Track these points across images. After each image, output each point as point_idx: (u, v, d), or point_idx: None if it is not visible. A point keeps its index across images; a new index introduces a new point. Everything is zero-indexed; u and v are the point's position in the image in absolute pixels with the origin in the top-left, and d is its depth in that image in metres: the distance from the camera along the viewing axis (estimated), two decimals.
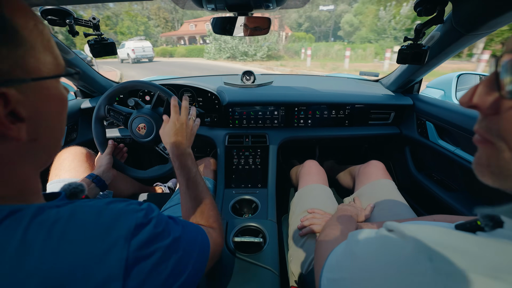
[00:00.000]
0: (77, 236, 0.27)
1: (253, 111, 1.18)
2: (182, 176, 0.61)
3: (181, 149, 0.65)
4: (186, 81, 1.20)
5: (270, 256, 0.69)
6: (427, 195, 1.04)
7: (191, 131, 0.73)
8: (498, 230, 0.26)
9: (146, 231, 0.32)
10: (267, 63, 12.77)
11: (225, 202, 0.89)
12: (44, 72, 0.29)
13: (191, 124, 0.73)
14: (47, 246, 0.25)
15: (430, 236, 0.26)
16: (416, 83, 1.21)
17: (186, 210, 0.59)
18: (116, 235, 0.29)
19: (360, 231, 0.36)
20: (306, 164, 1.05)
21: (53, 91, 0.31)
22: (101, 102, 0.89)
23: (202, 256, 0.44)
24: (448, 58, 0.92)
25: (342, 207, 0.77)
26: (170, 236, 0.36)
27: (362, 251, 0.32)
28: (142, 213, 0.34)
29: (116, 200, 0.35)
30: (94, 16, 0.83)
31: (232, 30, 0.87)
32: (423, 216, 0.65)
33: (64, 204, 0.30)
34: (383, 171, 0.96)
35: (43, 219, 0.27)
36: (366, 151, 1.63)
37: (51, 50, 0.31)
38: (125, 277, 0.28)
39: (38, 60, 0.28)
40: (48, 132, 0.32)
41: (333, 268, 0.37)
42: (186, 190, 0.60)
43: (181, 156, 0.64)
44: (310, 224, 0.74)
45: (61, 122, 0.35)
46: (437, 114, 1.01)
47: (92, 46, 0.85)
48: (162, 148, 0.90)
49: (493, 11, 0.62)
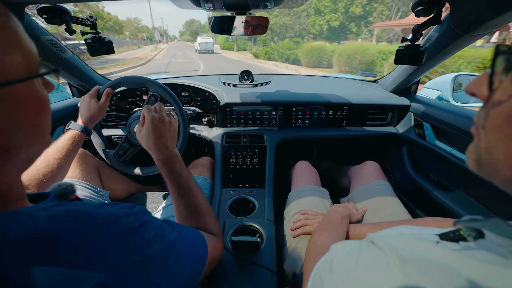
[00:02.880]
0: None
1: (251, 111, 1.18)
2: (172, 184, 0.55)
3: (165, 152, 0.56)
4: (183, 80, 1.20)
5: (267, 255, 0.69)
6: (424, 195, 1.05)
7: (173, 127, 0.61)
8: (480, 241, 0.27)
9: (138, 236, 0.31)
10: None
11: (223, 202, 0.89)
12: (11, 75, 0.25)
13: (171, 120, 0.62)
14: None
15: (409, 251, 0.26)
16: (414, 84, 1.22)
17: (181, 219, 0.55)
18: (106, 241, 0.28)
19: (343, 243, 0.36)
20: (298, 165, 1.06)
21: (27, 95, 0.27)
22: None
23: (198, 262, 0.43)
24: (446, 59, 0.92)
25: (334, 208, 0.78)
26: (163, 241, 0.35)
27: (340, 265, 0.32)
28: (133, 217, 0.33)
29: (106, 204, 0.34)
30: (91, 14, 0.82)
31: (230, 29, 0.86)
32: (415, 219, 0.65)
33: (51, 207, 0.29)
34: (378, 171, 0.97)
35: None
36: (364, 152, 1.63)
37: (20, 48, 0.27)
38: (114, 284, 0.27)
39: (1, 63, 0.24)
40: (25, 139, 0.28)
41: (315, 281, 0.37)
42: (179, 198, 0.54)
43: (167, 161, 0.56)
44: (302, 225, 0.76)
45: (41, 124, 0.30)
46: (434, 115, 1.01)
47: (89, 45, 0.84)
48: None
49: (490, 12, 0.62)
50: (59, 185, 0.40)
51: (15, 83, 0.26)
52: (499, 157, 0.22)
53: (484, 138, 0.24)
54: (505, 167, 0.22)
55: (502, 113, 0.22)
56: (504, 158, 0.22)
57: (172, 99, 0.85)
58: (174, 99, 0.85)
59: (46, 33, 0.85)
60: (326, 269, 0.34)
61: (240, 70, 1.39)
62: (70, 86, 1.20)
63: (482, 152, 0.24)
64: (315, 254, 0.48)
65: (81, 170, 0.88)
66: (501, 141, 0.22)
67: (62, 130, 1.05)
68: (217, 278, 0.63)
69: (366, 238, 0.33)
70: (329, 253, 0.37)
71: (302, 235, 0.75)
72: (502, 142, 0.22)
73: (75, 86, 1.19)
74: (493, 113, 0.23)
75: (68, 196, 0.40)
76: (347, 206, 0.81)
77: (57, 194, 0.39)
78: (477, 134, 0.26)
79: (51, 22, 0.77)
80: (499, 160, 0.22)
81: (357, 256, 0.31)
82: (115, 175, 1.06)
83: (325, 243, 0.53)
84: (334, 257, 0.34)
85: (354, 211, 0.80)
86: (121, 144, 0.93)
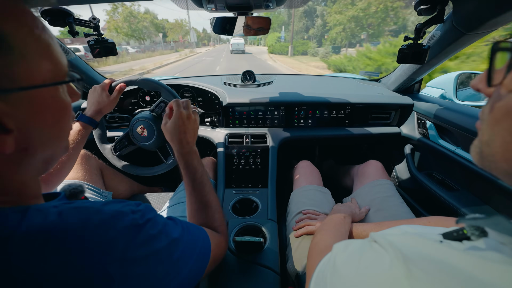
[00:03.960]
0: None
1: (253, 111, 1.18)
2: (188, 177, 0.58)
3: (187, 147, 0.60)
4: (186, 81, 1.20)
5: (270, 255, 0.69)
6: (428, 195, 1.04)
7: (196, 125, 0.65)
8: (484, 240, 0.27)
9: (142, 232, 0.32)
10: None
11: (226, 202, 0.89)
12: (38, 80, 0.28)
13: (196, 119, 0.65)
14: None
15: (411, 249, 0.26)
16: (417, 83, 1.21)
17: (191, 212, 0.57)
18: (112, 236, 0.29)
19: (346, 242, 0.36)
20: (300, 165, 1.05)
21: (49, 100, 0.30)
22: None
23: (201, 259, 0.43)
24: (449, 58, 0.92)
25: (336, 207, 0.78)
26: (167, 237, 0.36)
27: (343, 264, 0.32)
28: (139, 214, 0.33)
29: (113, 201, 0.34)
30: (94, 16, 0.83)
31: (232, 29, 0.87)
32: (418, 218, 0.65)
33: (61, 205, 0.30)
34: (381, 171, 0.96)
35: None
36: (366, 151, 1.62)
37: (50, 57, 0.29)
38: (119, 278, 0.28)
39: (29, 68, 0.27)
40: (44, 141, 0.30)
41: (318, 281, 0.37)
42: (192, 192, 0.57)
43: (186, 155, 0.59)
44: (305, 225, 0.76)
45: (60, 130, 0.33)
46: (438, 114, 1.01)
47: (92, 47, 0.85)
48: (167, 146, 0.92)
49: (493, 10, 0.62)
50: (69, 185, 0.42)
51: (40, 87, 0.28)
52: (497, 149, 0.23)
53: (485, 131, 0.25)
54: (502, 159, 0.23)
55: (501, 107, 0.23)
56: (501, 151, 0.23)
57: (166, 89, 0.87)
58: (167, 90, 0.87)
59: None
60: (329, 269, 0.34)
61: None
62: None
63: (483, 146, 0.25)
64: (318, 254, 0.48)
65: (84, 171, 0.89)
66: (499, 135, 0.23)
67: None
68: (221, 278, 0.63)
69: (369, 237, 0.33)
70: (332, 253, 0.37)
71: (304, 235, 0.75)
72: (500, 136, 0.23)
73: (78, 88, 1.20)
74: (494, 108, 0.24)
75: (78, 195, 0.42)
76: (350, 206, 0.80)
77: (67, 193, 0.41)
78: (480, 129, 0.27)
79: (54, 24, 0.77)
80: (497, 152, 0.23)
81: (359, 255, 0.31)
82: (118, 176, 1.06)
83: (328, 243, 0.53)
84: (337, 256, 0.34)
85: (356, 211, 0.79)
86: (120, 140, 0.94)
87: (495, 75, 0.23)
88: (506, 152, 0.22)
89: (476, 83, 0.28)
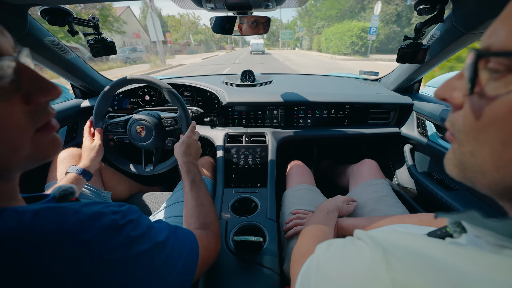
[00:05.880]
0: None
1: (253, 111, 1.18)
2: (187, 179, 0.69)
3: (191, 160, 0.75)
4: (185, 80, 1.20)
5: (270, 255, 0.69)
6: (427, 194, 1.04)
7: (199, 145, 0.85)
8: (463, 235, 0.28)
9: (122, 234, 0.31)
10: None
11: (225, 202, 0.89)
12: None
13: (199, 143, 0.85)
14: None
15: (391, 242, 0.26)
16: (416, 82, 1.21)
17: (186, 208, 0.64)
18: (88, 237, 0.28)
19: (328, 242, 0.36)
20: (291, 165, 1.06)
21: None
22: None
23: (189, 264, 0.42)
24: (449, 57, 0.92)
25: (320, 205, 0.76)
26: (151, 241, 0.35)
27: (325, 262, 0.32)
28: (120, 214, 0.32)
29: (95, 202, 0.33)
30: (93, 15, 0.82)
31: (232, 29, 0.86)
32: (409, 215, 0.64)
33: (42, 204, 0.29)
34: (376, 170, 0.96)
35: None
36: (366, 151, 1.62)
37: None
38: (95, 282, 0.27)
39: None
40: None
41: (303, 282, 0.37)
42: (189, 191, 0.66)
43: (189, 164, 0.73)
44: (294, 225, 0.75)
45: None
46: (437, 113, 1.01)
47: (91, 46, 0.85)
48: (167, 142, 0.94)
49: (493, 10, 0.62)
50: (59, 187, 0.40)
51: None
52: (485, 159, 0.22)
53: (466, 142, 0.24)
54: (493, 169, 0.21)
55: (485, 116, 0.21)
56: (491, 160, 0.21)
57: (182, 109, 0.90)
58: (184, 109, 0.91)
59: (49, 35, 0.86)
60: (312, 268, 0.34)
61: None
62: (73, 87, 1.21)
63: (466, 157, 0.24)
64: (300, 258, 0.47)
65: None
66: (486, 144, 0.22)
67: (65, 130, 1.06)
68: (220, 277, 0.63)
69: (353, 236, 0.33)
70: (315, 254, 0.37)
71: (296, 235, 0.74)
72: (487, 145, 0.21)
73: (77, 87, 1.20)
74: (476, 117, 0.22)
75: (68, 197, 0.40)
76: (337, 199, 0.79)
77: (57, 196, 0.39)
78: (455, 140, 0.26)
79: (54, 24, 0.77)
80: (486, 162, 0.22)
81: (341, 251, 0.31)
82: (117, 176, 1.06)
83: (309, 246, 0.52)
84: (320, 256, 0.34)
85: (344, 205, 0.78)
86: (116, 123, 0.94)
87: (479, 83, 0.22)
88: (498, 161, 0.21)
89: (441, 93, 0.26)
